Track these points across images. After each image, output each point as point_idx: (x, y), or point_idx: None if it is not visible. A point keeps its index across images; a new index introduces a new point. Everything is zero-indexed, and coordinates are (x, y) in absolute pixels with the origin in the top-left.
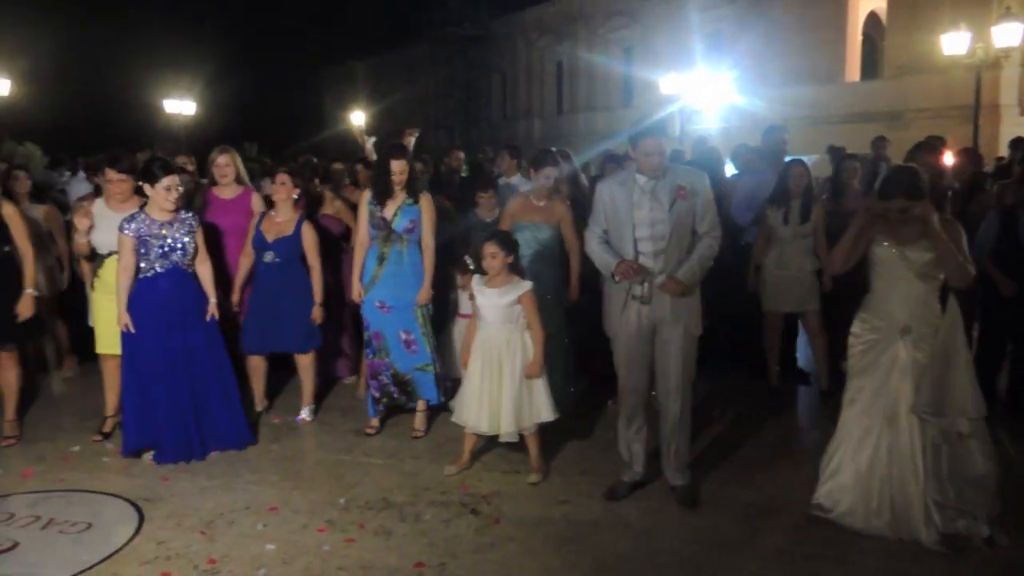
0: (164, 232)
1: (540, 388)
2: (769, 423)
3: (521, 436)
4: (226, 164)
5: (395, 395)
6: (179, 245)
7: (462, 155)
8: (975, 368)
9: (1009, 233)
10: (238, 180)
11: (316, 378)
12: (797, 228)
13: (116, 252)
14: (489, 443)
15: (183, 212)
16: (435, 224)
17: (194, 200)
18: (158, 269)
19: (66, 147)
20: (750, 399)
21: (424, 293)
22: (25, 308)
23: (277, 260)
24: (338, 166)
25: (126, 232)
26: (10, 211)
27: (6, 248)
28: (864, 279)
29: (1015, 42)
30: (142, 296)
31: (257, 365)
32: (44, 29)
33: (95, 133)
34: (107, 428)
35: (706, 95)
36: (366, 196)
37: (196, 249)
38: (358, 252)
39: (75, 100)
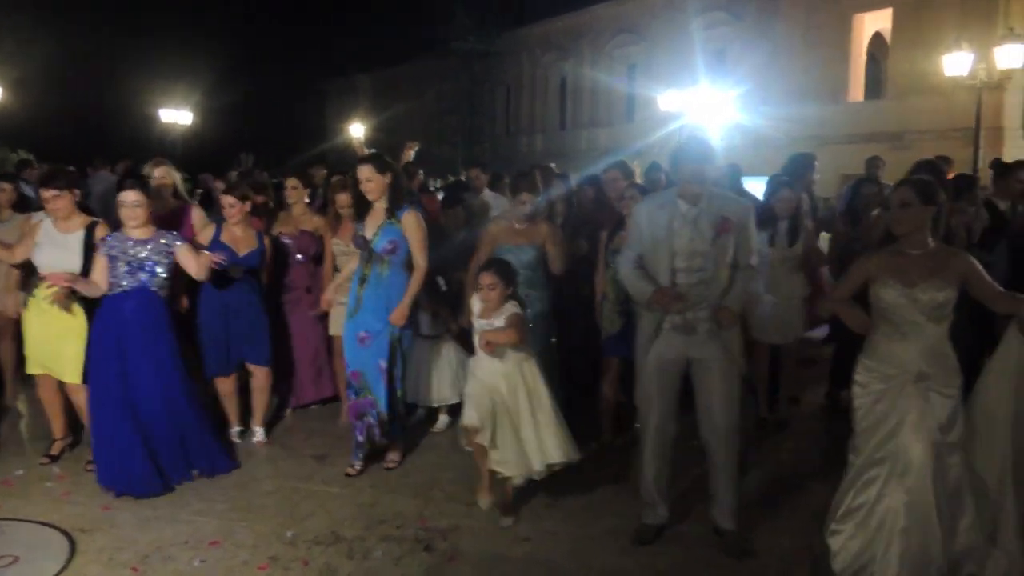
0: (135, 251)
1: (553, 423)
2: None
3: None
4: (162, 177)
5: (377, 438)
6: (148, 266)
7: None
8: None
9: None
10: (175, 195)
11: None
12: (784, 251)
13: None
14: (456, 472)
15: (165, 233)
16: (425, 243)
17: None
18: (124, 286)
19: (60, 155)
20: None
21: (398, 312)
22: None
23: (245, 273)
24: (335, 178)
25: (101, 250)
26: None
27: None
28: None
29: (1017, 63)
30: (104, 315)
31: (228, 388)
32: (39, 36)
33: (90, 142)
34: (55, 451)
35: (708, 113)
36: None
37: (170, 272)
38: (346, 271)
39: (70, 108)
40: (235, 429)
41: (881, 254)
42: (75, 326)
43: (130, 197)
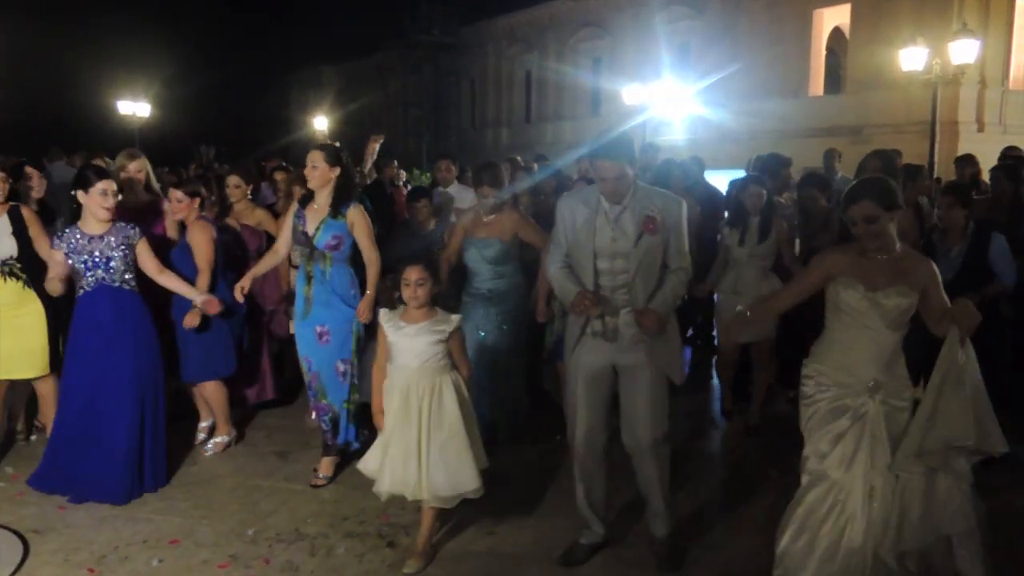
0: (91, 246)
1: (466, 448)
2: (717, 459)
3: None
4: (138, 171)
5: (329, 442)
6: (105, 260)
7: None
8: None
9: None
10: (147, 188)
11: (227, 405)
12: (754, 248)
13: None
14: None
15: (122, 225)
16: (373, 236)
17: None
18: (86, 287)
19: (14, 147)
20: (702, 427)
21: (364, 306)
22: None
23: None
24: (280, 175)
25: (56, 246)
26: None
27: None
28: None
29: (971, 59)
30: (78, 316)
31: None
32: None
33: (45, 133)
34: None
35: (672, 106)
36: (294, 207)
37: (129, 265)
38: (268, 257)
39: (23, 99)
40: (204, 424)
41: (844, 251)
42: (31, 323)
43: (111, 186)
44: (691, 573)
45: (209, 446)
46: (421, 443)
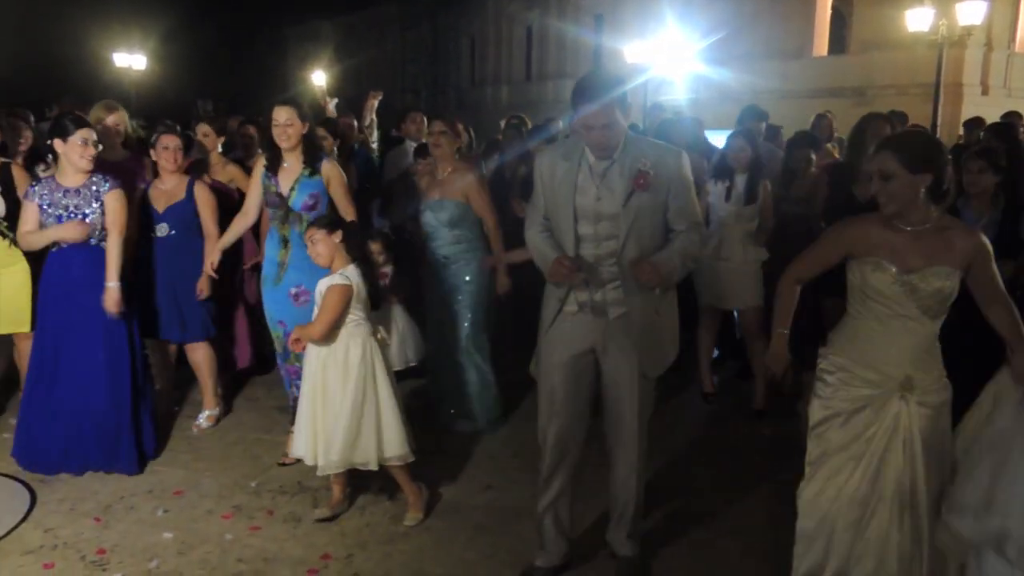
0: (67, 200)
1: (391, 413)
2: (698, 446)
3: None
4: (115, 124)
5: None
6: (83, 216)
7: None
8: None
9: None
10: (125, 145)
11: (216, 373)
12: (741, 208)
13: None
14: (416, 424)
15: (97, 178)
16: (349, 191)
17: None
18: (61, 244)
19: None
20: (680, 412)
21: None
22: None
23: (172, 233)
24: (251, 130)
25: (30, 198)
26: None
27: None
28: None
29: (978, 20)
30: (48, 276)
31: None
32: None
33: (37, 87)
34: None
35: (674, 65)
36: (260, 165)
37: (100, 218)
38: (238, 221)
39: (14, 50)
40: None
41: (868, 223)
42: (18, 281)
43: (91, 135)
44: None
45: (199, 421)
46: (317, 407)
